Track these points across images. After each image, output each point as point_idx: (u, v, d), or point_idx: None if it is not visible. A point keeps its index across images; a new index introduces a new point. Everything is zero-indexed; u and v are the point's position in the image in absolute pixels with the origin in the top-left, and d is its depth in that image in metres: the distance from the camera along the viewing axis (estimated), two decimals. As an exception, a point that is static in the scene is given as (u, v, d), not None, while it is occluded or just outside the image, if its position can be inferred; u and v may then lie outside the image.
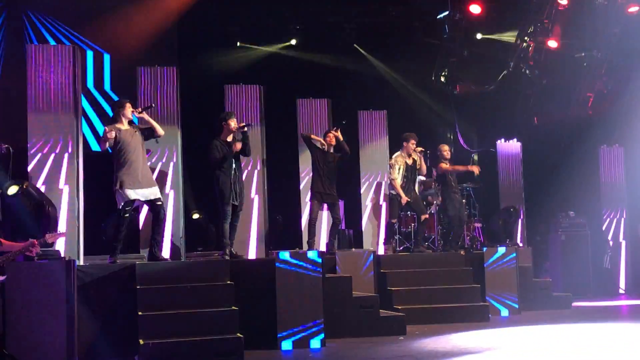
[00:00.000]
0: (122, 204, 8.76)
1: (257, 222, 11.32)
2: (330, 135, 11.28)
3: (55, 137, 9.45)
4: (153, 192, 8.95)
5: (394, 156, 11.92)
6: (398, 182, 11.65)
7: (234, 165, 9.72)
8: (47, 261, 7.74)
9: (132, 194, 8.78)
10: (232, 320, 8.03)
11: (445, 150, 12.42)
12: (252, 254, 11.12)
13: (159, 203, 8.99)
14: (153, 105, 9.84)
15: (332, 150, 11.30)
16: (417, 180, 12.15)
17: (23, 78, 9.68)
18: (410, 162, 11.78)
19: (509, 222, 14.14)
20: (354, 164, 12.78)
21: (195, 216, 14.44)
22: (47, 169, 9.34)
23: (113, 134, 8.74)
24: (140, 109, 9.17)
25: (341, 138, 11.30)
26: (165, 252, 10.13)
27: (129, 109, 8.97)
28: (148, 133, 9.09)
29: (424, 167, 12.16)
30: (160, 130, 9.13)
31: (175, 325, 7.91)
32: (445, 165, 12.25)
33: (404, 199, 11.61)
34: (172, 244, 10.31)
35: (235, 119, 9.88)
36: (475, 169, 12.69)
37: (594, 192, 15.00)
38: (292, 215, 13.06)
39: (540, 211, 15.29)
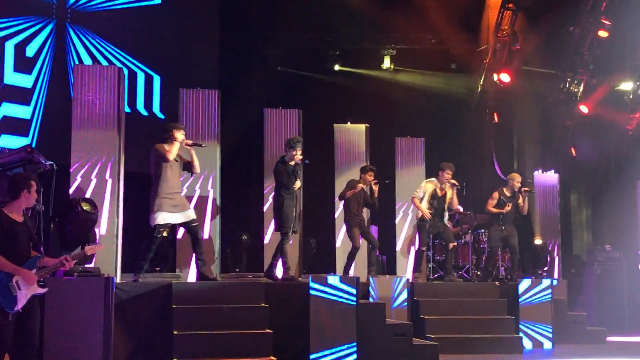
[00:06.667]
0: (156, 225, 8.89)
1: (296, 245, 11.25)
2: (371, 179, 11.21)
3: (98, 155, 9.57)
4: (189, 215, 9.06)
5: (425, 180, 11.78)
6: (417, 202, 11.47)
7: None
8: (87, 278, 7.85)
9: (170, 217, 8.94)
10: (266, 342, 8.08)
11: (517, 181, 12.13)
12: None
13: (195, 224, 9.10)
14: (203, 145, 9.62)
15: (367, 191, 11.23)
16: (445, 211, 11.70)
17: (68, 96, 9.84)
18: (440, 192, 11.53)
19: (544, 254, 14.01)
20: (390, 191, 12.77)
21: (244, 237, 14.43)
22: (90, 186, 9.47)
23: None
24: (191, 142, 9.23)
25: (376, 194, 11.21)
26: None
27: (181, 135, 9.03)
28: (187, 166, 9.22)
29: (456, 202, 11.70)
30: (198, 168, 9.25)
31: (210, 346, 7.98)
32: (490, 204, 12.03)
33: (425, 213, 11.37)
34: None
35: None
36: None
37: (631, 226, 14.83)
38: (325, 240, 13.07)
39: (576, 244, 15.14)
